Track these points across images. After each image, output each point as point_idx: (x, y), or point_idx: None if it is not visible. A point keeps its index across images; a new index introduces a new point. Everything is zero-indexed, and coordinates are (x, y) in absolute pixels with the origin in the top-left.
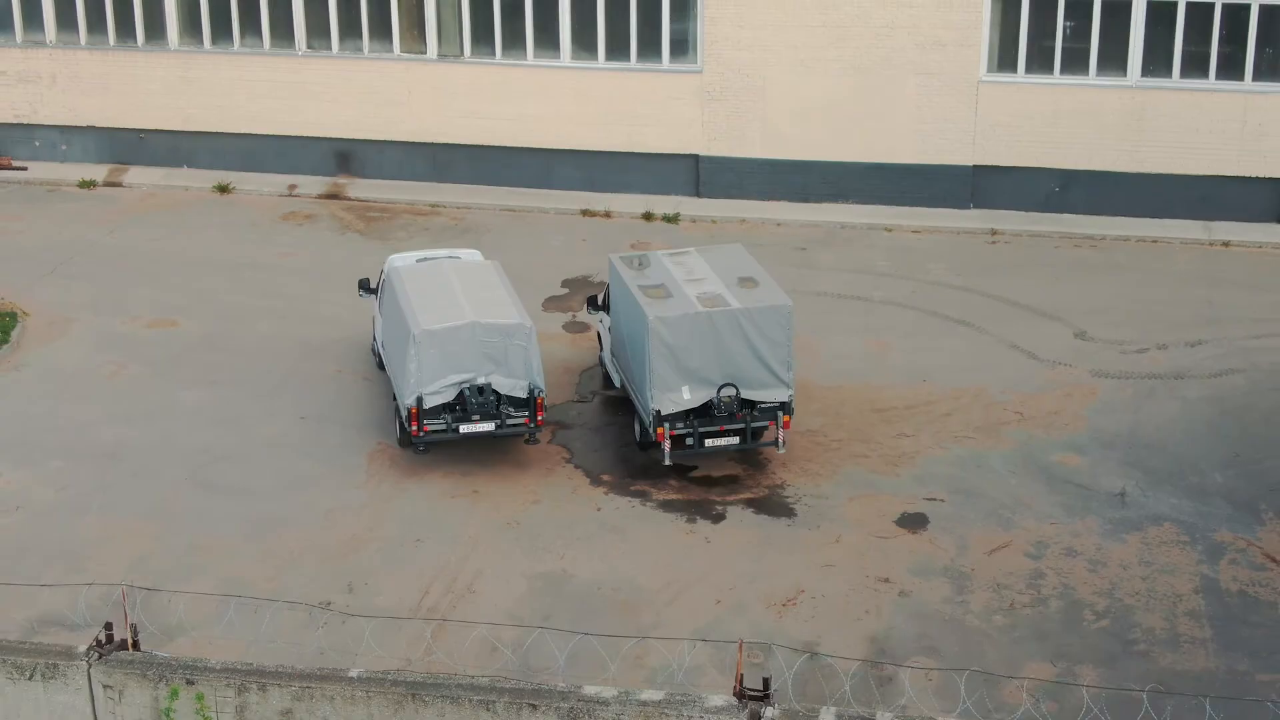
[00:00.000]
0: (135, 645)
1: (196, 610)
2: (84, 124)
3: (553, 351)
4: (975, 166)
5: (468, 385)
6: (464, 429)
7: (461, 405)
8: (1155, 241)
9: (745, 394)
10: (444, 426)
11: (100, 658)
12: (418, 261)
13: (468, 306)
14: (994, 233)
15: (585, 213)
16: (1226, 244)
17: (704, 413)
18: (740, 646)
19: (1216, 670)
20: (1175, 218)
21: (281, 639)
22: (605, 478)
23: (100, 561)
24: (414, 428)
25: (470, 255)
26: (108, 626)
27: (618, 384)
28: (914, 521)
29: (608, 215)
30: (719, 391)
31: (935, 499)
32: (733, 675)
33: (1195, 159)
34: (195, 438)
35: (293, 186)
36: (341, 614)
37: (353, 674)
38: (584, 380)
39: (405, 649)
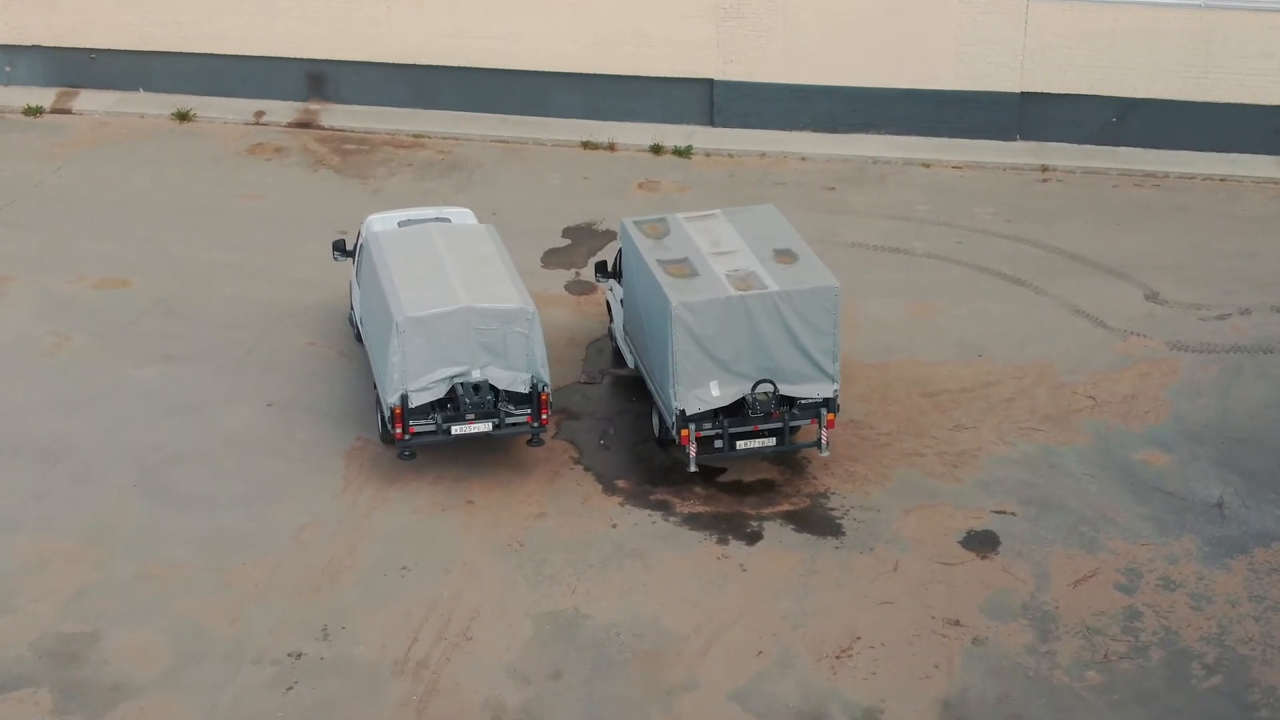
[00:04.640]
0: None
1: (142, 667)
2: (29, 43)
3: (555, 320)
4: (1023, 94)
5: (460, 380)
6: (456, 430)
7: (453, 403)
8: (1223, 180)
9: (784, 390)
10: (433, 428)
11: None
12: (400, 225)
13: (459, 286)
14: (1044, 169)
15: (586, 145)
16: None
17: (735, 411)
18: None
19: None
20: (1246, 152)
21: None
22: (620, 484)
23: (33, 596)
24: (398, 430)
25: (461, 215)
26: None
27: (631, 365)
28: (983, 542)
29: (611, 148)
30: (754, 388)
31: (1005, 512)
32: None
33: (1268, 87)
34: (147, 431)
35: (260, 113)
36: None
37: None
38: (592, 356)
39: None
